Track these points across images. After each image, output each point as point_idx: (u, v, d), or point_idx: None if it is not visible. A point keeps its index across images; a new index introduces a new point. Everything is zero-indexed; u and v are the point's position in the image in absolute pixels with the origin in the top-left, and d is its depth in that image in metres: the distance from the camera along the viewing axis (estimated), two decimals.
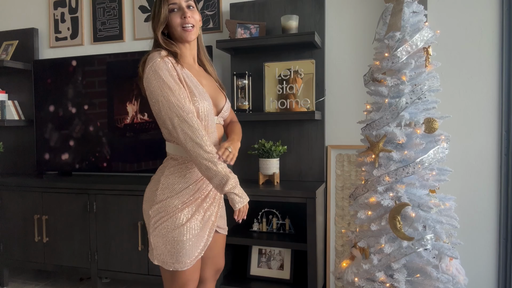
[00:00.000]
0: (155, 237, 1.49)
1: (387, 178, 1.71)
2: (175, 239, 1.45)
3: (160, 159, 2.84)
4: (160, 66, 1.42)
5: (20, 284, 3.00)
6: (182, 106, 1.39)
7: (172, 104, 1.39)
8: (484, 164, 2.24)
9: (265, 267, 2.52)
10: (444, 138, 1.73)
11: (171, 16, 1.49)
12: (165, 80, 1.40)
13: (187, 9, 1.50)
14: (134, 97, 2.91)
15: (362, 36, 2.58)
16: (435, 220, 1.68)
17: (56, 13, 3.30)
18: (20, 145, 3.35)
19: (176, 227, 1.46)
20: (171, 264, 1.48)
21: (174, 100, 1.39)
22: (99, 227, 2.65)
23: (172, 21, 1.49)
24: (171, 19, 1.49)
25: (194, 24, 1.51)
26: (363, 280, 1.78)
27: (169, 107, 1.39)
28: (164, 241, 1.47)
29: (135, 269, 2.58)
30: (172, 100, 1.39)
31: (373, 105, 1.84)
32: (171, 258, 1.47)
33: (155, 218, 1.48)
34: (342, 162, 2.60)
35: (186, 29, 1.49)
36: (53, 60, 3.14)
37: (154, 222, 1.49)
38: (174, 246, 1.46)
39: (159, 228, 1.47)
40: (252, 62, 2.71)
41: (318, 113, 2.51)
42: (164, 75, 1.41)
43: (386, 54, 1.77)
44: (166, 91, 1.40)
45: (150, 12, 3.02)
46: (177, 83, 1.42)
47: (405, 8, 1.74)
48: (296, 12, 2.61)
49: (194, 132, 1.37)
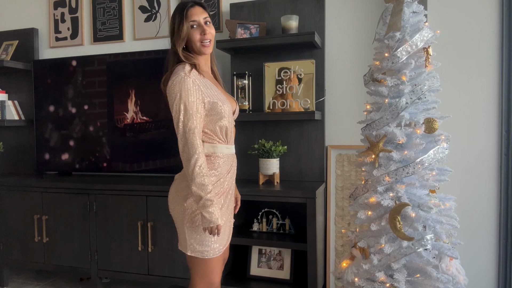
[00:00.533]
0: (189, 228, 1.62)
1: (387, 178, 1.71)
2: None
3: (160, 159, 2.85)
4: (181, 81, 1.54)
5: (20, 284, 3.00)
6: (187, 124, 1.53)
7: (181, 120, 1.54)
8: (484, 164, 2.24)
9: (265, 267, 2.52)
10: (444, 138, 1.73)
11: (191, 32, 1.61)
12: (182, 96, 1.53)
13: (205, 25, 1.63)
14: (134, 97, 2.91)
15: (362, 36, 2.58)
16: (435, 220, 1.68)
17: (56, 13, 3.30)
18: (20, 145, 3.35)
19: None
20: (205, 252, 1.62)
21: (183, 117, 1.54)
22: (99, 227, 2.65)
23: (192, 37, 1.62)
24: (191, 35, 1.61)
25: (211, 39, 1.64)
26: (363, 280, 1.78)
27: (178, 122, 1.54)
28: (200, 230, 1.60)
29: (135, 269, 2.58)
30: (181, 118, 1.54)
31: (373, 105, 1.84)
32: (206, 246, 1.62)
33: (191, 209, 1.60)
34: (342, 162, 2.60)
35: (204, 44, 1.63)
36: (53, 60, 3.14)
37: (190, 213, 1.61)
38: (208, 234, 1.60)
39: (196, 218, 1.60)
40: (252, 62, 2.71)
41: (318, 113, 2.51)
42: (184, 90, 1.53)
43: (386, 54, 1.77)
44: (180, 106, 1.54)
45: (150, 12, 3.03)
46: (194, 101, 1.55)
47: (405, 8, 1.74)
48: (296, 12, 2.61)
49: (190, 148, 1.52)
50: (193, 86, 1.55)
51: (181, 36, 1.60)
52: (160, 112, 2.85)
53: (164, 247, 2.51)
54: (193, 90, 1.55)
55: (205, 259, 1.64)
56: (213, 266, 1.67)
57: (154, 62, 2.85)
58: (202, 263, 1.65)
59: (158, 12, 3.02)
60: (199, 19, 1.62)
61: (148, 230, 2.52)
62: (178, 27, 1.60)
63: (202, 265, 1.65)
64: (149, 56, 2.87)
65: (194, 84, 1.56)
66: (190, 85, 1.55)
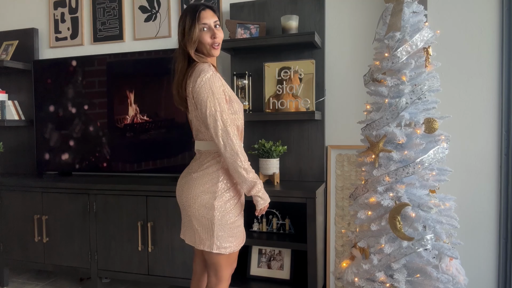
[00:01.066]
0: (219, 226, 1.65)
1: (387, 178, 1.71)
2: (237, 224, 1.70)
3: (160, 159, 2.85)
4: (212, 79, 1.61)
5: (20, 284, 3.00)
6: (225, 119, 1.60)
7: (218, 116, 1.59)
8: (484, 164, 2.24)
9: (265, 267, 2.52)
10: (444, 138, 1.73)
11: (202, 35, 1.66)
12: (215, 93, 1.60)
13: (215, 28, 1.67)
14: (134, 97, 2.91)
15: (362, 36, 2.58)
16: (435, 220, 1.68)
17: (56, 13, 3.30)
18: (20, 145, 3.35)
19: (238, 214, 1.71)
20: (232, 247, 1.70)
21: (219, 112, 1.60)
22: (99, 227, 2.65)
23: (203, 40, 1.66)
24: (202, 38, 1.66)
25: (220, 42, 1.70)
26: (363, 280, 1.78)
27: (215, 118, 1.59)
28: (229, 227, 1.67)
29: (135, 269, 2.58)
30: (218, 112, 1.59)
31: (373, 105, 1.84)
32: (234, 242, 1.70)
33: (223, 208, 1.66)
34: (342, 162, 2.60)
35: (214, 46, 1.68)
36: (53, 60, 3.14)
37: (222, 210, 1.66)
38: (237, 231, 1.70)
39: (228, 216, 1.67)
40: (252, 62, 2.71)
41: (318, 113, 2.51)
42: (216, 87, 1.61)
43: (386, 54, 1.77)
44: (215, 103, 1.60)
45: (150, 12, 3.03)
46: (223, 97, 1.63)
47: (405, 8, 1.74)
48: (296, 12, 2.61)
49: (233, 142, 1.59)
50: (220, 85, 1.65)
51: (193, 38, 1.64)
52: (160, 112, 2.85)
53: (164, 247, 2.51)
54: (220, 88, 1.63)
55: (231, 253, 1.72)
56: (234, 257, 1.79)
57: (154, 62, 2.85)
58: (228, 257, 1.73)
59: (158, 12, 3.02)
60: (210, 22, 1.67)
61: (148, 230, 2.52)
62: (190, 28, 1.64)
63: (227, 259, 1.73)
64: (149, 56, 2.87)
65: (221, 81, 1.67)
66: (219, 82, 1.64)
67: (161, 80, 2.83)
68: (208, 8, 1.69)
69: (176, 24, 2.98)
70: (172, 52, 2.79)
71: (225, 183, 1.68)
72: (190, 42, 1.65)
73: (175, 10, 2.99)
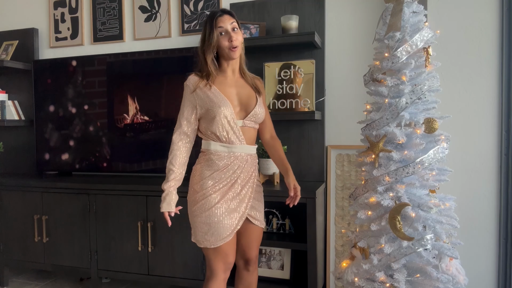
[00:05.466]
0: (191, 218, 1.78)
1: (387, 178, 1.71)
2: (206, 220, 1.72)
3: (160, 159, 2.85)
4: (185, 86, 1.80)
5: (20, 284, 3.00)
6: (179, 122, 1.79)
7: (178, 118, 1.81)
8: (484, 164, 2.24)
9: (265, 267, 2.52)
10: (444, 138, 1.73)
11: (220, 39, 1.74)
12: (183, 98, 1.81)
13: (232, 32, 1.73)
14: (134, 97, 2.91)
15: (362, 36, 2.57)
16: (435, 220, 1.68)
17: (56, 13, 3.30)
18: (20, 145, 3.35)
19: (206, 209, 1.72)
20: (202, 242, 1.74)
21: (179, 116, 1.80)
22: (99, 227, 2.65)
23: (221, 44, 1.74)
24: (220, 42, 1.74)
25: (237, 45, 1.74)
26: (363, 280, 1.78)
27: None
28: (198, 221, 1.74)
29: (135, 269, 2.58)
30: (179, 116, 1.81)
31: (373, 105, 1.84)
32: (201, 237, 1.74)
33: (190, 199, 1.79)
34: (342, 162, 2.60)
35: (231, 50, 1.74)
36: (53, 60, 3.14)
37: (190, 203, 1.79)
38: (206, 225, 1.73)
39: (193, 209, 1.75)
40: (252, 62, 2.68)
41: (318, 113, 2.51)
42: (185, 94, 1.80)
43: (386, 54, 1.77)
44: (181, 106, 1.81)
45: (150, 12, 3.03)
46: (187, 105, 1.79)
47: (405, 8, 1.74)
48: (296, 12, 2.61)
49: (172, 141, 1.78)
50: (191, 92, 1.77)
51: (212, 43, 1.72)
52: (160, 112, 2.85)
53: (164, 247, 2.51)
54: (190, 92, 1.77)
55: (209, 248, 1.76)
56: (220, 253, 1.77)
57: (154, 62, 2.85)
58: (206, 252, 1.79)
59: (158, 12, 3.02)
60: (227, 26, 1.72)
61: (148, 230, 2.52)
62: (209, 35, 1.72)
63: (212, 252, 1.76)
64: (149, 56, 2.87)
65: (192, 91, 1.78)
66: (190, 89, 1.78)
67: (161, 80, 2.83)
68: (225, 13, 1.75)
69: (176, 24, 2.99)
70: (172, 52, 2.81)
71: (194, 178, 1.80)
72: (209, 47, 1.73)
73: (175, 10, 2.99)
